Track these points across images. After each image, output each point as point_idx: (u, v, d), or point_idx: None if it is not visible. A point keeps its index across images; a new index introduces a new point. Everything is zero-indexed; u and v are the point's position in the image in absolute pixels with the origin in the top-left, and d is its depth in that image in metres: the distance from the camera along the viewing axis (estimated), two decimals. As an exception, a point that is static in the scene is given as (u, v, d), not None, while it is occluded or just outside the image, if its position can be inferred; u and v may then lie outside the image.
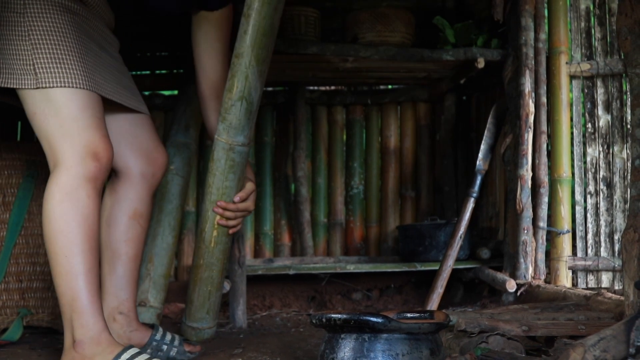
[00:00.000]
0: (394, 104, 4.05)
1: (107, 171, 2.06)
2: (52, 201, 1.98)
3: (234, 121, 2.18)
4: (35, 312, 2.88)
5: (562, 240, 3.18)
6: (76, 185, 1.97)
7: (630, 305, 1.80)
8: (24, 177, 2.94)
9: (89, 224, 1.99)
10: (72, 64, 2.01)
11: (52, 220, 1.98)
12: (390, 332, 1.69)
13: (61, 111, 2.00)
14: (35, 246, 2.93)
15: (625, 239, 1.81)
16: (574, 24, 3.26)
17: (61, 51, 2.01)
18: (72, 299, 1.96)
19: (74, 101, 2.00)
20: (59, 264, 1.97)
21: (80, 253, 1.96)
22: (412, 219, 4.01)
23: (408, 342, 1.70)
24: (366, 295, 3.78)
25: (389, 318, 1.69)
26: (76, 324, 1.95)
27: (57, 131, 2.00)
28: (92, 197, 2.00)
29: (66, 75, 1.99)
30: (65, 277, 1.96)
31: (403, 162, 4.05)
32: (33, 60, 2.00)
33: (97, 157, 2.01)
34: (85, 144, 1.99)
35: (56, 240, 1.98)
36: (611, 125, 3.19)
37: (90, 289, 1.96)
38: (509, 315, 2.27)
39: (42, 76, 1.99)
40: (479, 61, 3.34)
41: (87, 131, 2.00)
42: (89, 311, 1.95)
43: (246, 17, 2.12)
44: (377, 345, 1.69)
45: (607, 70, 3.19)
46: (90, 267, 1.97)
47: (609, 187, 3.17)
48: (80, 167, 1.98)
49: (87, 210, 1.98)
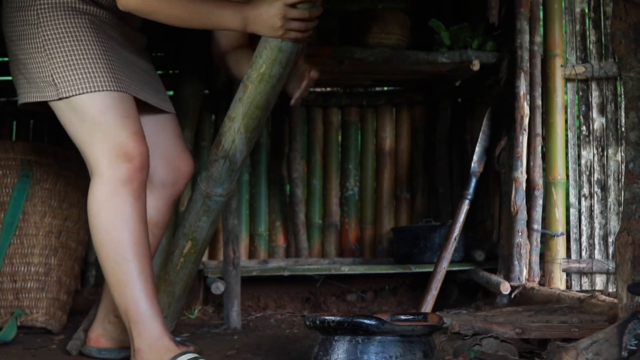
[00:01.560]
0: (389, 105, 4.05)
1: (143, 170, 1.99)
2: (91, 213, 1.97)
3: (214, 174, 2.22)
4: (29, 313, 2.87)
5: (556, 243, 3.19)
6: (110, 192, 1.94)
7: (624, 308, 1.80)
8: (19, 177, 2.94)
9: (130, 229, 1.94)
10: (88, 67, 1.98)
11: (95, 232, 1.96)
12: (384, 334, 1.69)
13: (85, 118, 1.97)
14: (29, 246, 2.93)
15: (619, 242, 1.82)
16: (569, 27, 3.27)
17: (76, 57, 1.98)
18: (126, 309, 1.93)
19: (95, 105, 1.97)
20: (108, 274, 1.95)
21: (125, 261, 1.92)
22: (407, 221, 4.00)
23: (401, 344, 1.69)
24: (361, 297, 3.78)
25: (382, 320, 1.69)
26: (134, 333, 1.92)
27: (86, 138, 1.98)
28: (129, 202, 1.94)
29: (83, 81, 1.96)
30: (117, 286, 1.94)
31: (398, 164, 4.05)
32: (51, 72, 1.98)
33: (128, 157, 1.95)
34: (112, 147, 1.95)
35: (101, 251, 1.96)
36: (606, 128, 3.19)
37: (141, 296, 1.92)
38: (502, 318, 2.27)
39: (62, 86, 1.96)
40: (474, 64, 3.34)
41: (113, 132, 1.96)
42: (143, 319, 1.91)
43: (244, 87, 2.13)
44: (371, 348, 1.69)
45: (602, 73, 3.20)
46: (140, 271, 1.93)
47: (603, 189, 3.18)
48: (111, 172, 1.94)
49: (126, 216, 1.94)
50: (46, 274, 2.94)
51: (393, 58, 3.34)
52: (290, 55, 2.08)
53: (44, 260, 2.95)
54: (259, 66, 2.08)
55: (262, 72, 2.07)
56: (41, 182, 3.00)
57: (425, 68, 3.53)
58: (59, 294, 2.96)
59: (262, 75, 2.08)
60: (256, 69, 2.08)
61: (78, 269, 3.14)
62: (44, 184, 3.00)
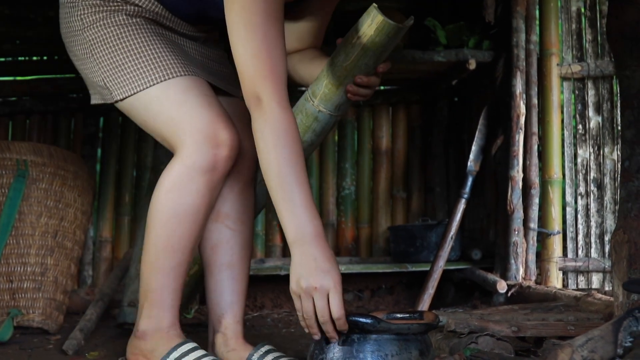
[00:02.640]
0: (385, 105, 4.05)
1: (230, 160, 1.84)
2: (160, 189, 1.83)
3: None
4: (25, 313, 2.87)
5: (552, 242, 3.19)
6: (188, 176, 1.79)
7: (620, 306, 1.80)
8: (15, 177, 2.93)
9: (189, 221, 1.82)
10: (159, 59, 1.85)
11: (154, 210, 1.83)
12: (380, 332, 1.67)
13: (163, 105, 1.83)
14: (26, 246, 2.92)
15: (615, 240, 1.82)
16: (565, 25, 3.28)
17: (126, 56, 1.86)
18: (148, 289, 1.85)
19: (169, 91, 1.83)
20: (147, 252, 1.85)
21: (172, 250, 1.83)
22: (404, 220, 4.01)
23: (397, 342, 1.68)
24: (357, 295, 3.78)
25: (378, 319, 1.68)
26: (145, 313, 1.85)
27: (169, 124, 1.83)
28: (203, 192, 1.81)
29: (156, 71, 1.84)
30: (150, 267, 1.85)
31: (395, 163, 4.05)
32: (102, 76, 1.89)
33: (217, 142, 1.80)
34: (200, 127, 1.79)
35: (152, 229, 1.84)
36: (602, 127, 3.20)
37: (169, 286, 1.84)
38: (498, 316, 2.28)
39: (114, 88, 1.87)
40: (470, 62, 3.35)
41: (198, 111, 1.81)
42: (162, 305, 1.84)
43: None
44: (367, 346, 1.67)
45: (598, 72, 3.20)
46: (178, 264, 1.84)
47: (599, 188, 3.18)
48: (196, 156, 1.79)
49: (193, 209, 1.82)
50: (42, 274, 2.94)
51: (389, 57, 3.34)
52: (326, 126, 1.96)
53: (40, 260, 2.95)
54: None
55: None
56: (37, 182, 2.99)
57: (421, 67, 3.54)
58: (55, 294, 2.95)
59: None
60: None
61: (74, 269, 3.14)
62: (40, 183, 3.00)
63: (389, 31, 1.78)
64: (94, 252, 3.68)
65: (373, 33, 1.78)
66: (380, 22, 1.76)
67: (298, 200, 1.67)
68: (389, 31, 1.79)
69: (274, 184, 1.68)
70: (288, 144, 1.68)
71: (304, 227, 1.66)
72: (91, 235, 3.66)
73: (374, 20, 1.76)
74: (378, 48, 1.82)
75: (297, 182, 1.67)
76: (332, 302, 1.64)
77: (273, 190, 1.69)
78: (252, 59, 1.71)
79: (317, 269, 1.65)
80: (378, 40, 1.80)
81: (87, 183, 3.19)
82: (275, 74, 1.71)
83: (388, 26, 1.77)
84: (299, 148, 1.70)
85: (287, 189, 1.67)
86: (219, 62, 2.11)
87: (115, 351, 2.43)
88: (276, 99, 1.70)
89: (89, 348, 2.57)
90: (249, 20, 1.71)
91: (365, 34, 1.79)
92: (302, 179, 1.68)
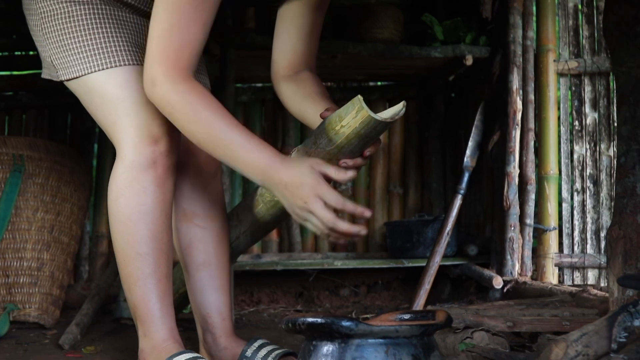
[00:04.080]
0: (382, 100, 4.05)
1: (171, 154, 1.79)
2: (110, 198, 1.79)
3: None
4: (22, 307, 2.87)
5: (548, 237, 3.20)
6: (131, 178, 1.75)
7: (615, 301, 1.81)
8: (11, 172, 2.93)
9: (147, 221, 1.76)
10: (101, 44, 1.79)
11: (111, 220, 1.79)
12: (361, 337, 1.51)
13: (104, 97, 1.78)
14: (22, 241, 2.92)
15: (610, 235, 1.82)
16: (562, 21, 3.28)
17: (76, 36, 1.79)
18: (134, 307, 1.78)
19: (109, 82, 1.77)
20: (120, 268, 1.79)
21: (138, 257, 1.75)
22: (400, 216, 4.01)
23: (384, 347, 1.51)
24: (354, 291, 3.79)
25: (357, 321, 1.52)
26: (140, 333, 1.79)
27: (108, 119, 1.79)
28: (151, 190, 1.75)
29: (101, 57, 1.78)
30: (127, 282, 1.77)
31: (391, 158, 4.05)
32: (49, 52, 1.83)
33: (154, 138, 1.76)
34: (136, 126, 1.75)
35: (115, 242, 1.79)
36: (598, 123, 3.20)
37: (152, 295, 1.76)
38: (494, 311, 2.28)
39: (60, 67, 1.82)
40: (467, 58, 3.35)
41: (134, 110, 1.76)
42: (150, 319, 1.76)
43: (257, 202, 1.99)
44: (347, 353, 1.51)
45: (595, 68, 3.20)
46: (153, 269, 1.76)
47: (595, 184, 3.19)
48: (134, 155, 1.75)
49: (145, 207, 1.75)
50: (39, 269, 2.94)
51: (386, 52, 3.34)
52: None
53: (36, 255, 2.95)
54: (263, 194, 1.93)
55: (276, 201, 1.85)
56: (33, 176, 2.99)
57: (418, 62, 3.54)
58: (51, 288, 2.96)
59: (276, 202, 1.90)
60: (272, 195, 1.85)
61: (71, 263, 3.13)
62: (37, 178, 3.00)
63: (375, 125, 1.66)
64: (90, 247, 3.68)
65: (358, 125, 1.65)
66: (365, 118, 1.64)
67: (237, 146, 1.63)
68: (375, 125, 1.66)
69: (212, 146, 1.65)
70: (201, 106, 1.64)
71: (258, 164, 1.63)
72: (88, 230, 3.66)
73: (358, 113, 1.64)
74: (363, 138, 1.69)
75: (229, 129, 1.64)
76: (326, 200, 1.59)
77: (216, 152, 1.66)
78: (158, 38, 1.66)
79: (293, 190, 1.60)
80: (363, 132, 1.67)
81: (83, 178, 3.19)
82: (178, 55, 1.65)
83: (374, 122, 1.64)
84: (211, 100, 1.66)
85: (225, 142, 1.64)
86: None
87: (112, 346, 2.44)
88: (171, 78, 1.65)
89: (85, 343, 2.57)
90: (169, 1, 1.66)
91: (350, 124, 1.67)
92: (228, 123, 1.64)
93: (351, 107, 1.63)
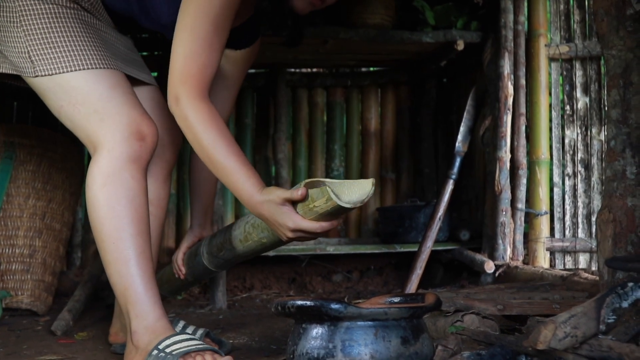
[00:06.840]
0: (374, 86, 4.05)
1: (152, 151, 1.95)
2: (94, 186, 1.86)
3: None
4: (14, 295, 2.87)
5: (540, 222, 3.21)
6: (119, 166, 1.86)
7: (605, 284, 1.82)
8: (2, 159, 2.93)
9: (135, 206, 1.86)
10: (75, 46, 1.92)
11: (97, 207, 1.86)
12: (351, 319, 1.53)
13: (90, 95, 1.89)
14: (14, 228, 2.92)
15: (600, 219, 1.83)
16: (553, 6, 3.27)
17: (58, 36, 1.91)
18: (124, 288, 1.83)
19: (101, 82, 1.91)
20: (107, 252, 1.85)
21: (129, 238, 1.84)
22: (392, 201, 4.02)
23: (373, 329, 1.53)
24: (346, 277, 3.80)
25: (346, 304, 1.53)
26: (132, 315, 1.83)
27: (92, 117, 1.89)
28: (137, 178, 1.88)
29: (71, 59, 1.90)
30: (115, 265, 1.84)
31: (383, 144, 4.05)
32: (27, 48, 1.91)
33: (142, 135, 1.90)
34: (127, 123, 1.89)
35: (102, 227, 1.85)
36: (589, 108, 3.21)
37: (143, 275, 1.83)
38: (484, 295, 2.29)
39: (39, 64, 1.90)
40: (458, 43, 3.35)
41: (125, 109, 1.90)
42: (143, 299, 1.82)
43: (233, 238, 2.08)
44: (337, 336, 1.53)
45: (586, 52, 3.21)
46: (141, 251, 1.85)
47: (586, 169, 3.19)
48: (123, 148, 1.87)
49: (133, 193, 1.86)
50: (31, 256, 2.94)
51: (378, 38, 3.34)
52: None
53: (28, 242, 2.95)
54: (250, 233, 1.99)
55: (255, 239, 1.98)
56: (25, 163, 2.99)
57: (409, 48, 3.53)
58: (44, 275, 2.96)
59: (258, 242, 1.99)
60: (247, 232, 1.99)
61: (63, 250, 3.14)
62: (28, 165, 2.99)
63: (344, 210, 1.69)
64: (82, 234, 3.67)
65: (329, 209, 1.68)
66: (334, 206, 1.66)
67: (230, 171, 1.80)
68: (345, 210, 1.69)
69: (212, 167, 1.82)
70: (210, 127, 1.82)
71: (244, 195, 1.80)
72: (80, 217, 3.65)
73: (328, 201, 1.67)
74: (334, 216, 1.73)
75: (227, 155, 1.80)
76: (303, 229, 1.74)
77: (214, 172, 1.84)
78: (184, 59, 1.85)
79: (274, 225, 1.78)
80: (334, 212, 1.70)
81: (75, 165, 3.19)
82: (199, 77, 1.85)
83: (342, 209, 1.67)
84: (220, 123, 1.83)
85: (221, 165, 1.81)
86: (132, 50, 2.21)
87: (104, 332, 2.44)
88: (192, 96, 1.83)
89: (77, 329, 2.58)
90: (195, 25, 1.85)
91: (320, 206, 1.70)
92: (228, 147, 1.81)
93: (320, 194, 1.69)
